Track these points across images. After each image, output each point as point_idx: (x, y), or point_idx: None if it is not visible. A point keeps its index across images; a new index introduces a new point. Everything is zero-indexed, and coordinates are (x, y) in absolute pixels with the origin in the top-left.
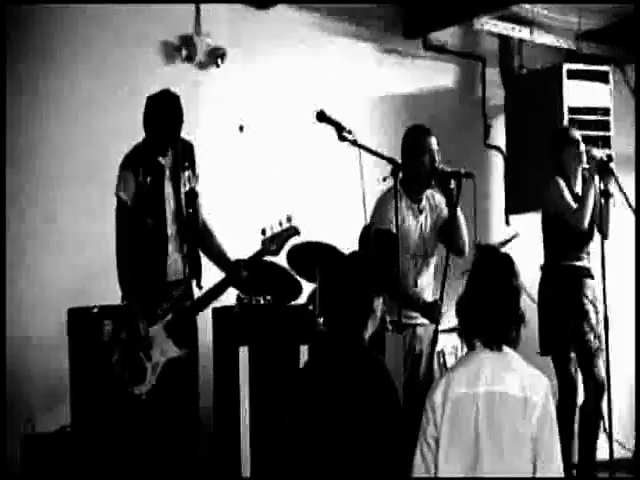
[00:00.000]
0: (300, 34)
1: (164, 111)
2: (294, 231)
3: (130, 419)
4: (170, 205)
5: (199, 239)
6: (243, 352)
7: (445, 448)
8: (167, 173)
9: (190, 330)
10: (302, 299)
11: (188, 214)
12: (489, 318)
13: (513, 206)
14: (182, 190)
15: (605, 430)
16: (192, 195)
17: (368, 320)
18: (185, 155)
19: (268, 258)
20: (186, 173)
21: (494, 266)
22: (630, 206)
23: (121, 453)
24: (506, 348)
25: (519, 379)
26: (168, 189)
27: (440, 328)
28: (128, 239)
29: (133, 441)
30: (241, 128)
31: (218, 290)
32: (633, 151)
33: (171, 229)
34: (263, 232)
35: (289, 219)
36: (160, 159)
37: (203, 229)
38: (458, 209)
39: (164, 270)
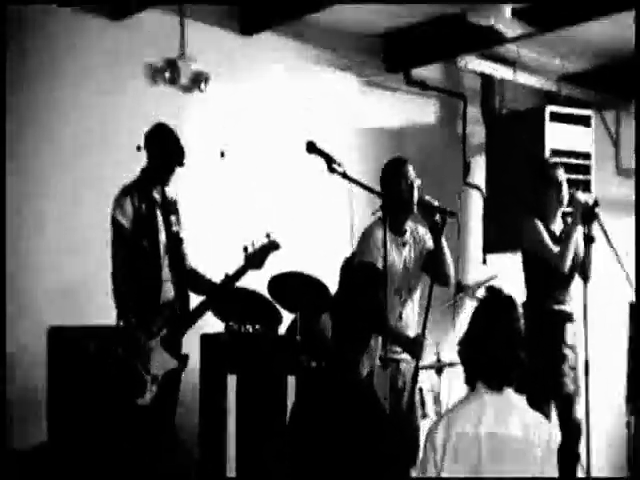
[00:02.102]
0: (284, 62)
1: (167, 141)
2: (275, 245)
3: (135, 428)
4: (162, 234)
5: (188, 282)
6: (231, 380)
7: None
8: (158, 205)
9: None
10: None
11: (176, 256)
12: (493, 361)
13: (491, 245)
14: (172, 228)
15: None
16: (178, 239)
17: (364, 356)
18: (171, 202)
19: (249, 286)
20: (172, 216)
21: (498, 309)
22: (614, 250)
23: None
24: (506, 389)
25: (521, 420)
26: (160, 219)
27: (421, 364)
28: (124, 260)
29: (128, 450)
30: (222, 154)
31: (205, 306)
32: (613, 196)
33: (163, 258)
34: (245, 249)
35: (268, 235)
36: (153, 192)
37: (192, 272)
38: (443, 239)
39: (159, 291)
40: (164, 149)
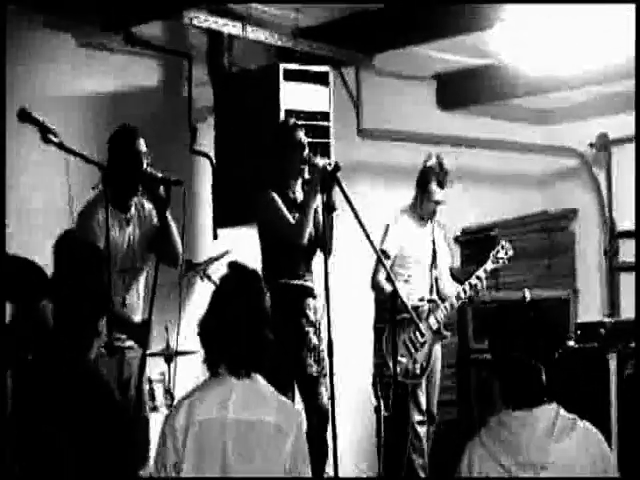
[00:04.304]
0: None
1: None
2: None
3: None
4: None
5: None
6: None
7: (189, 476)
8: None
9: None
10: None
11: None
12: (238, 343)
13: (222, 219)
14: None
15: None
16: None
17: (94, 341)
18: None
19: None
20: None
21: (242, 285)
22: (358, 220)
23: None
24: (254, 374)
25: (271, 407)
26: None
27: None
28: None
29: None
30: None
31: None
32: (354, 160)
33: None
34: None
35: None
36: None
37: None
38: (169, 216)
39: None
40: None
